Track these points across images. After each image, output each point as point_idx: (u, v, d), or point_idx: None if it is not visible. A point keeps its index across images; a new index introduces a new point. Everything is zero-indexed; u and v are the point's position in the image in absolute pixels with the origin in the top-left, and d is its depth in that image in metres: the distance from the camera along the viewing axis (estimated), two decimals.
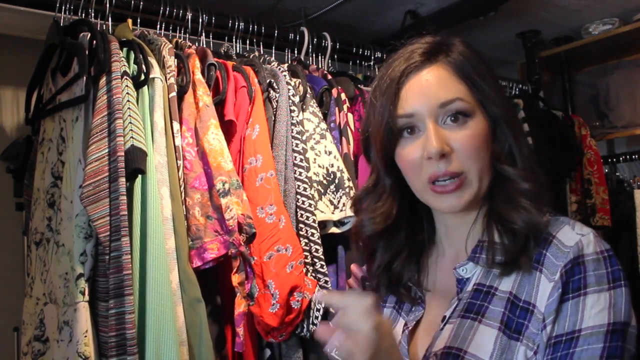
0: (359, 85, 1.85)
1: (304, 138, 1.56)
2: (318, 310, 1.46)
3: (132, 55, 1.33)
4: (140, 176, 1.23)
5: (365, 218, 0.89)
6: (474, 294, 0.80)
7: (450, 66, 0.80)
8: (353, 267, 1.00)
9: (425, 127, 0.79)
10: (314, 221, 1.49)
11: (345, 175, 1.58)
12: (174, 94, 1.35)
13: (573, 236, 0.74)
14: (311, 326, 1.46)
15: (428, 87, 0.80)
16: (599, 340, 0.69)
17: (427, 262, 0.91)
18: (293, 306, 1.40)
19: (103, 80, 1.24)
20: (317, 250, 1.49)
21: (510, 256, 0.77)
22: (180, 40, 1.59)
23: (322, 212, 1.53)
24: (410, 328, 0.85)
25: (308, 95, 1.62)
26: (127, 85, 1.25)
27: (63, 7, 1.43)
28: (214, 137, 1.35)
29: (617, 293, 0.71)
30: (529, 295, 0.75)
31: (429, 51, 0.82)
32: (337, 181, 1.56)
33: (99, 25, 1.48)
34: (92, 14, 1.47)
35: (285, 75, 1.59)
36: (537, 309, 0.73)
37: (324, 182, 1.56)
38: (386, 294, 0.92)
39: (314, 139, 1.58)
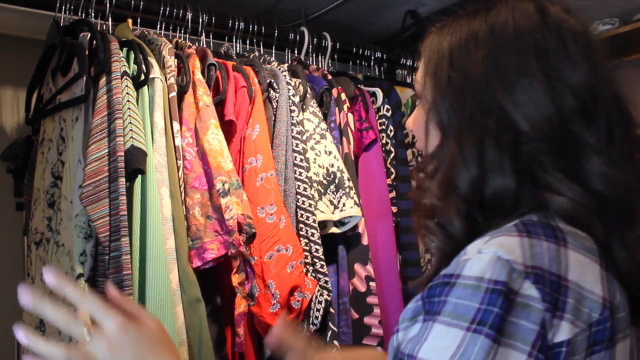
0: (359, 85, 1.85)
1: (304, 138, 1.56)
2: (318, 310, 1.46)
3: (132, 55, 1.32)
4: (140, 176, 1.22)
5: None
6: None
7: (426, 42, 0.73)
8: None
9: None
10: (314, 221, 1.49)
11: (346, 175, 1.58)
12: (174, 94, 1.35)
13: (472, 251, 0.58)
14: (311, 326, 1.46)
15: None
16: None
17: None
18: (293, 306, 1.40)
19: (103, 80, 1.24)
20: (317, 250, 1.49)
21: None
22: (180, 40, 1.59)
23: (322, 212, 1.53)
24: None
25: (308, 95, 1.62)
26: (127, 85, 1.25)
27: (63, 7, 1.43)
28: (214, 137, 1.35)
29: (473, 340, 0.53)
30: None
31: (441, 25, 0.73)
32: (337, 181, 1.56)
33: (99, 25, 1.47)
34: (92, 14, 1.46)
35: (285, 75, 1.59)
36: None
37: (324, 182, 1.56)
38: None
39: (314, 139, 1.58)
